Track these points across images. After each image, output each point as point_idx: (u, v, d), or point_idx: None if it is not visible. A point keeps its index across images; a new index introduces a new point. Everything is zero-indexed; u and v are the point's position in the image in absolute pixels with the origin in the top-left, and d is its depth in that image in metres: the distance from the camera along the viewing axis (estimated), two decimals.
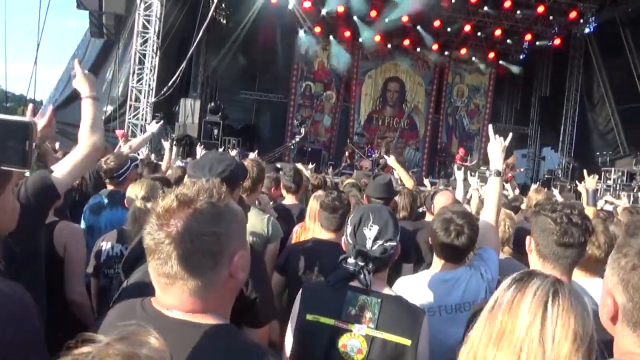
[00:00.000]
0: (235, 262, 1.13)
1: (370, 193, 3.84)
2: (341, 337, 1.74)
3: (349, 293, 1.79)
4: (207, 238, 1.08)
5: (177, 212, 1.08)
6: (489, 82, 20.38)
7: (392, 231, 1.82)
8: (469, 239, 2.25)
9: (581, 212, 1.84)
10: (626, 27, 17.03)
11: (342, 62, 18.55)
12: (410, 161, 19.57)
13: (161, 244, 1.07)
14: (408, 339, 1.70)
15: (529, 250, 1.96)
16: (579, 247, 1.80)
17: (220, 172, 1.99)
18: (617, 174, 15.98)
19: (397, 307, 1.78)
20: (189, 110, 14.05)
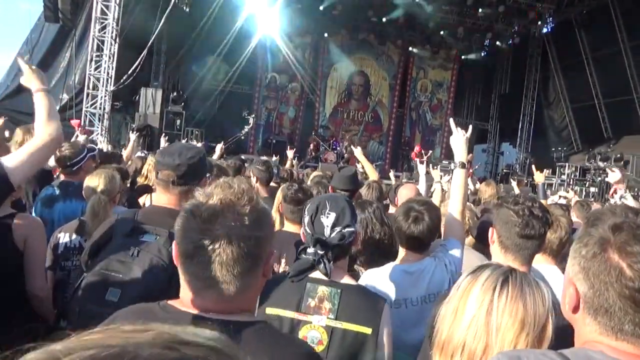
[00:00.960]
0: (270, 262, 1.16)
1: (336, 185, 3.85)
2: (301, 329, 1.73)
3: (309, 285, 1.78)
4: (251, 242, 1.09)
5: (221, 215, 1.07)
6: (451, 78, 20.78)
7: (350, 217, 1.81)
8: (428, 226, 2.27)
9: (542, 205, 1.90)
10: (581, 28, 17.71)
11: (306, 54, 18.51)
12: (374, 154, 19.75)
13: (203, 248, 1.05)
14: (368, 327, 1.70)
15: (491, 241, 2.00)
16: (539, 238, 1.86)
17: (189, 157, 1.97)
18: (570, 169, 16.66)
19: (357, 297, 1.78)
20: (150, 100, 13.68)
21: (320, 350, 1.70)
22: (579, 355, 0.94)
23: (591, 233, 0.98)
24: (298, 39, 18.62)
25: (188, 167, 1.94)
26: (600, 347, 0.94)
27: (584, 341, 0.99)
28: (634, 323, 0.91)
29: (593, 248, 0.95)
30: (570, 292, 1.00)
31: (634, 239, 0.91)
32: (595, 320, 0.96)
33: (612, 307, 0.92)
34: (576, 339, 1.03)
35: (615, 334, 0.93)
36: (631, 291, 0.89)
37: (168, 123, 14.35)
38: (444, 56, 20.25)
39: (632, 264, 0.89)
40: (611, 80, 16.96)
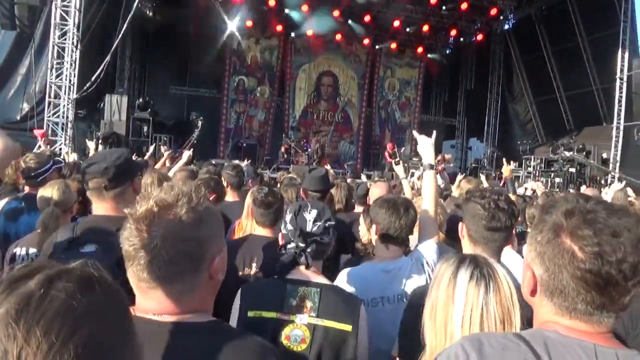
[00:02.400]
0: (216, 264, 1.15)
1: (307, 186, 3.84)
2: (284, 329, 1.74)
3: (289, 286, 1.80)
4: (190, 243, 1.09)
5: (157, 217, 1.08)
6: (418, 76, 21.07)
7: (330, 214, 1.87)
8: (410, 219, 2.32)
9: (507, 198, 1.94)
10: (541, 24, 18.23)
11: (273, 56, 18.47)
12: (345, 155, 19.85)
13: (141, 250, 1.06)
14: (349, 324, 1.73)
15: (461, 235, 2.03)
16: (506, 230, 1.91)
17: (115, 159, 1.99)
18: (536, 161, 17.11)
19: (335, 295, 1.81)
20: (116, 107, 13.36)
21: (303, 348, 1.71)
22: (536, 335, 0.99)
23: (545, 220, 1.03)
24: (265, 41, 18.55)
25: (116, 168, 1.96)
26: (555, 327, 0.99)
27: (541, 322, 1.04)
28: (586, 302, 0.96)
29: (547, 234, 1.01)
30: (528, 276, 1.06)
31: (585, 223, 0.96)
32: (551, 301, 1.01)
33: (566, 288, 0.97)
34: (534, 320, 1.09)
35: (569, 313, 0.99)
36: (583, 272, 0.94)
37: (135, 130, 14.07)
38: (410, 54, 20.51)
39: (583, 247, 0.94)
40: (571, 74, 17.51)
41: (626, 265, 0.92)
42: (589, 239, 0.94)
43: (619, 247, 0.93)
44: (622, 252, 0.92)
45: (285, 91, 19.27)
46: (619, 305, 0.96)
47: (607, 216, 0.96)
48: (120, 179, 1.97)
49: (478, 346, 0.99)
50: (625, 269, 0.92)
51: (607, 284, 0.93)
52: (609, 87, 16.19)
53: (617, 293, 0.94)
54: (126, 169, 2.02)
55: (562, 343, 0.95)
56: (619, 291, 0.94)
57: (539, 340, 0.96)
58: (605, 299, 0.95)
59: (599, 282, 0.93)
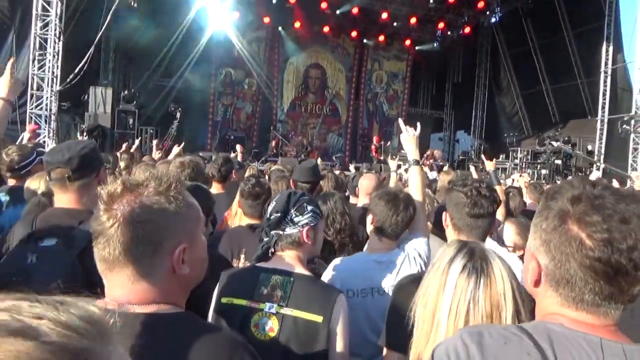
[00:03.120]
0: (177, 255, 1.09)
1: (297, 177, 3.83)
2: (253, 317, 1.73)
3: (263, 274, 1.79)
4: (146, 226, 1.05)
5: (120, 197, 1.06)
6: (406, 69, 21.09)
7: (283, 205, 1.85)
8: (410, 216, 2.33)
9: (489, 185, 1.96)
10: (527, 18, 18.35)
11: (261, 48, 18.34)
12: (333, 147, 19.86)
13: (104, 229, 1.05)
14: (320, 315, 1.71)
15: (445, 225, 2.04)
16: (489, 216, 1.92)
17: (80, 149, 1.93)
18: (522, 153, 17.28)
19: (309, 286, 1.79)
20: (100, 99, 13.18)
21: (271, 337, 1.70)
22: (539, 328, 0.95)
23: (551, 206, 0.98)
24: (252, 33, 18.38)
25: (80, 158, 1.89)
26: (560, 320, 0.95)
27: (544, 314, 1.00)
28: (594, 292, 0.92)
29: (553, 221, 0.96)
30: (533, 266, 1.00)
31: (593, 209, 0.92)
32: (556, 292, 0.97)
33: (573, 277, 0.93)
34: (537, 312, 1.04)
35: (575, 305, 0.94)
36: (591, 261, 0.90)
37: (120, 122, 13.89)
38: (398, 47, 20.50)
39: (591, 233, 0.90)
40: (557, 67, 17.69)
41: (637, 253, 0.88)
42: (597, 225, 0.90)
43: (630, 233, 0.88)
44: (633, 240, 0.88)
45: (273, 83, 19.16)
46: (628, 296, 0.92)
47: (616, 202, 0.92)
48: (84, 170, 1.90)
49: (478, 338, 0.95)
50: (635, 257, 0.88)
51: (617, 273, 0.89)
52: (593, 81, 16.38)
53: (626, 283, 0.90)
54: (91, 159, 1.95)
55: (567, 336, 0.91)
56: (629, 281, 0.90)
57: (543, 334, 0.93)
58: (614, 289, 0.91)
59: (609, 271, 0.89)
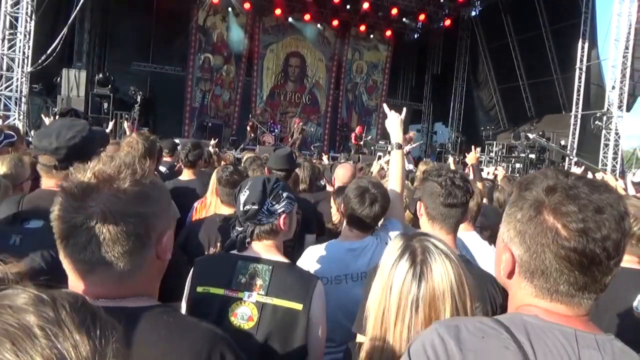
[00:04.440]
0: (164, 242, 1.06)
1: (271, 165, 3.80)
2: (231, 306, 1.70)
3: (240, 262, 1.76)
4: (133, 220, 0.98)
5: (96, 190, 0.97)
6: (386, 60, 21.11)
7: (259, 196, 1.80)
8: (382, 208, 2.31)
9: (462, 176, 1.98)
10: (507, 12, 18.53)
11: (239, 36, 18.09)
12: (312, 136, 19.80)
13: (78, 228, 0.95)
14: (299, 303, 1.70)
15: (419, 214, 2.06)
16: (462, 206, 1.94)
17: (69, 138, 1.81)
18: (498, 146, 17.56)
19: (288, 274, 1.78)
20: (74, 82, 12.83)
21: (250, 326, 1.68)
22: (515, 320, 0.94)
23: (525, 197, 0.97)
24: (232, 19, 18.11)
25: (68, 149, 1.79)
26: (535, 311, 0.95)
27: (519, 305, 1.00)
28: (569, 283, 0.92)
29: (528, 211, 0.95)
30: (506, 257, 0.99)
31: (568, 199, 0.92)
32: (531, 283, 0.96)
33: (548, 268, 0.93)
34: (510, 303, 1.04)
35: (550, 295, 0.94)
36: (567, 251, 0.90)
37: (94, 106, 13.56)
38: (379, 38, 20.50)
39: (567, 223, 0.90)
40: (534, 63, 17.95)
41: (610, 242, 0.89)
42: (573, 215, 0.90)
43: (604, 223, 0.89)
44: (607, 229, 0.89)
45: (253, 70, 18.95)
46: (601, 285, 0.93)
47: (590, 192, 0.92)
48: (72, 160, 1.79)
49: (455, 332, 0.93)
50: (609, 246, 0.89)
51: (592, 263, 0.90)
52: (569, 77, 16.69)
53: (599, 272, 0.91)
54: (81, 150, 1.82)
55: (543, 328, 0.92)
56: (602, 270, 0.91)
57: (519, 326, 0.92)
58: (588, 279, 0.91)
59: (584, 261, 0.90)
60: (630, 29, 14.51)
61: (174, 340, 1.01)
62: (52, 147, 1.79)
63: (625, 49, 14.55)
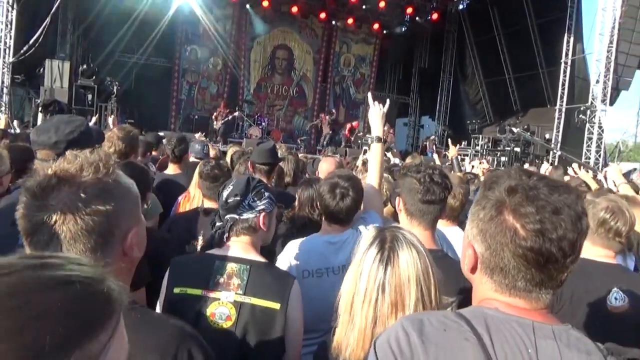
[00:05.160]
0: (130, 240, 1.06)
1: (254, 159, 3.79)
2: (209, 306, 1.71)
3: (217, 262, 1.76)
4: (96, 217, 0.99)
5: (57, 189, 0.97)
6: (373, 53, 21.08)
7: (242, 189, 1.83)
8: (354, 201, 2.30)
9: (441, 172, 2.00)
10: (494, 6, 18.59)
11: (227, 26, 17.93)
12: (299, 129, 19.76)
13: (40, 226, 0.95)
14: (277, 302, 1.71)
15: (398, 209, 2.08)
16: (440, 203, 1.97)
17: (68, 132, 1.83)
18: (484, 140, 17.68)
19: (265, 273, 1.79)
20: (57, 73, 12.61)
21: (228, 325, 1.69)
22: (476, 313, 0.99)
23: (488, 196, 1.01)
24: (219, 10, 17.92)
25: (67, 143, 1.80)
26: (495, 304, 0.99)
27: (480, 299, 1.04)
28: (526, 279, 0.97)
29: (490, 211, 0.99)
30: (469, 253, 1.04)
31: (527, 200, 0.95)
32: (491, 279, 1.01)
33: (507, 266, 0.97)
34: (474, 296, 1.09)
35: (509, 290, 0.99)
36: (524, 250, 0.94)
37: (78, 98, 13.35)
38: (367, 31, 20.45)
39: (525, 224, 0.94)
40: (520, 56, 18.05)
41: (565, 242, 0.93)
42: (531, 217, 0.94)
43: (560, 224, 0.93)
44: (563, 230, 0.93)
45: (240, 63, 18.80)
46: (557, 282, 0.98)
47: (549, 193, 0.96)
48: None
49: (419, 326, 0.97)
50: (564, 246, 0.93)
51: (547, 262, 0.94)
52: (554, 71, 16.84)
53: (555, 270, 0.95)
54: (80, 144, 1.78)
55: (502, 320, 0.96)
56: (558, 268, 0.95)
57: (480, 319, 0.97)
58: (544, 276, 0.96)
59: (540, 259, 0.94)
60: (614, 24, 14.67)
61: (141, 337, 1.01)
62: (52, 141, 1.80)
63: (610, 44, 14.71)
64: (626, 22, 14.67)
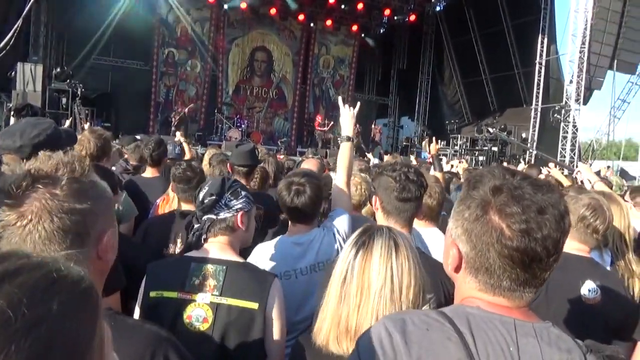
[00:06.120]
0: (104, 242, 1.04)
1: (234, 161, 3.76)
2: (186, 308, 1.68)
3: (193, 264, 1.74)
4: (71, 217, 0.97)
5: (30, 188, 0.95)
6: (352, 54, 21.17)
7: (217, 189, 1.81)
8: (310, 198, 2.26)
9: (417, 170, 2.02)
10: (470, 8, 18.88)
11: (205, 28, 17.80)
12: (279, 131, 19.72)
13: (12, 226, 0.93)
14: (255, 302, 1.69)
15: (375, 208, 2.08)
16: (416, 200, 1.98)
17: (33, 136, 1.79)
18: (462, 140, 17.92)
19: (243, 273, 1.76)
20: (29, 77, 12.32)
21: (205, 328, 1.66)
22: (458, 312, 0.98)
23: (473, 195, 1.01)
24: (196, 12, 17.78)
25: (33, 147, 1.75)
26: (477, 303, 0.99)
27: (463, 297, 1.04)
28: (510, 279, 0.97)
29: (475, 211, 0.99)
30: (453, 253, 1.03)
31: (513, 200, 0.95)
32: (475, 278, 1.00)
33: (492, 266, 0.97)
34: (456, 295, 1.08)
35: (493, 290, 0.99)
36: (510, 250, 0.94)
37: (52, 102, 13.07)
38: (345, 32, 20.53)
39: (510, 224, 0.94)
40: (496, 57, 18.39)
41: (550, 241, 0.94)
42: (516, 216, 0.94)
43: (545, 223, 0.93)
44: (547, 229, 0.93)
45: (219, 65, 18.66)
46: (540, 281, 0.98)
47: (534, 192, 0.96)
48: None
49: (401, 326, 0.97)
50: (549, 244, 0.94)
51: (532, 261, 0.94)
52: (529, 71, 17.18)
53: (539, 269, 0.96)
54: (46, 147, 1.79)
55: (484, 319, 0.96)
56: (542, 267, 0.96)
57: (462, 318, 0.97)
58: (528, 275, 0.96)
59: (525, 259, 0.94)
60: (586, 25, 15.03)
61: (116, 344, 0.99)
62: (16, 145, 1.76)
63: (582, 44, 15.07)
64: (597, 23, 15.05)
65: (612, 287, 1.96)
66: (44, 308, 0.50)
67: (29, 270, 0.54)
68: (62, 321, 0.51)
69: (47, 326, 0.49)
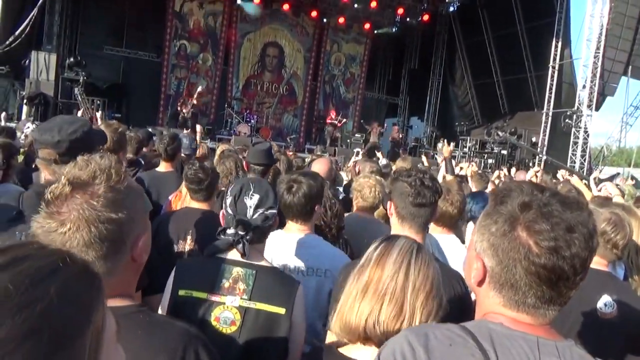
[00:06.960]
0: (140, 247, 1.09)
1: (250, 159, 3.81)
2: (214, 310, 1.69)
3: (223, 266, 1.74)
4: (108, 226, 1.01)
5: (70, 197, 0.99)
6: (364, 52, 21.09)
7: (273, 200, 1.81)
8: (305, 196, 2.23)
9: (432, 176, 2.04)
10: (484, 9, 18.75)
11: (217, 22, 17.80)
12: (289, 128, 19.71)
13: (52, 233, 0.97)
14: (282, 307, 1.70)
15: (390, 213, 2.09)
16: (431, 206, 1.99)
17: (70, 132, 1.83)
18: (472, 142, 17.83)
19: (271, 278, 1.77)
20: (43, 66, 12.43)
21: (233, 330, 1.68)
22: (480, 327, 0.98)
23: (500, 210, 1.01)
24: (209, 5, 17.79)
25: (70, 143, 1.80)
26: (500, 319, 0.99)
27: (485, 312, 1.04)
28: (536, 296, 0.97)
29: (503, 226, 0.99)
30: (477, 267, 1.03)
31: (542, 217, 0.96)
32: (500, 293, 1.00)
33: (518, 282, 0.97)
34: (478, 309, 1.08)
35: (517, 307, 0.99)
36: (537, 267, 0.94)
37: (64, 91, 13.18)
38: (358, 30, 20.46)
39: (538, 241, 0.94)
40: (508, 60, 18.24)
41: (577, 260, 0.94)
42: (545, 234, 0.94)
43: (574, 242, 0.93)
44: (576, 247, 0.93)
45: (230, 59, 18.67)
46: (565, 299, 0.98)
47: (563, 210, 0.96)
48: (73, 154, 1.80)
49: (424, 340, 0.97)
50: (576, 263, 0.94)
51: (559, 279, 0.95)
52: (542, 75, 17.04)
53: (565, 287, 0.96)
54: (82, 144, 1.81)
55: (507, 336, 0.96)
56: (568, 285, 0.96)
57: (485, 334, 0.96)
58: (554, 293, 0.96)
59: (552, 277, 0.94)
60: (601, 30, 14.89)
61: (149, 338, 1.05)
62: (54, 140, 1.80)
63: (597, 49, 14.93)
64: (613, 28, 14.90)
65: (629, 302, 1.96)
66: (42, 290, 0.53)
67: (37, 257, 0.57)
68: (57, 305, 0.53)
69: (41, 307, 0.51)
